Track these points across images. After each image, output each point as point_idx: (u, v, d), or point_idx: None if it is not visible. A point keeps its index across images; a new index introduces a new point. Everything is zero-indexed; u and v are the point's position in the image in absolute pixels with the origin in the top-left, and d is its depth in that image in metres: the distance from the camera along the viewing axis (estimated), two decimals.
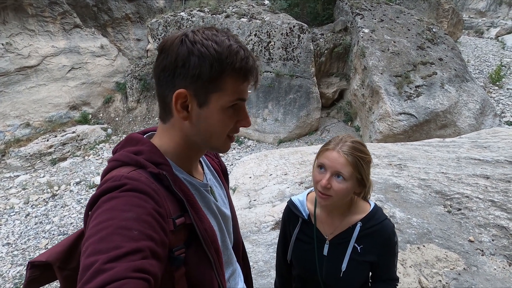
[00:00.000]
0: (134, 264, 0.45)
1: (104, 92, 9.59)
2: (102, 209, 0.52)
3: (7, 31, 7.94)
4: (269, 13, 8.31)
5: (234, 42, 0.61)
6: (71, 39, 9.03)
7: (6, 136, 7.77)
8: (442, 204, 2.58)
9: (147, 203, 0.53)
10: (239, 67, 0.60)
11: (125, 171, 0.59)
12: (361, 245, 0.97)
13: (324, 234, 1.02)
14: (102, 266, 0.44)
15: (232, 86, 0.61)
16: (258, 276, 2.18)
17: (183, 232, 0.61)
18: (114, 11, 10.11)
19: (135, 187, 0.54)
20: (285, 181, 3.47)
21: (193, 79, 0.59)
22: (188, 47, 0.58)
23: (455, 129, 6.46)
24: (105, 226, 0.49)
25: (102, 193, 0.55)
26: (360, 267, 0.97)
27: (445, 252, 2.07)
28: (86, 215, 0.58)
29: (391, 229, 0.97)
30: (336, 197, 0.91)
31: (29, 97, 8.28)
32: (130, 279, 0.43)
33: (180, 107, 0.61)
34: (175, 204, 0.61)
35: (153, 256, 0.49)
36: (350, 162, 0.89)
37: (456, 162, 3.32)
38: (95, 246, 0.46)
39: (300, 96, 7.81)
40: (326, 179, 0.89)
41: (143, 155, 0.62)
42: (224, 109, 0.62)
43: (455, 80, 6.84)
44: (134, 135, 0.68)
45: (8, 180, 6.92)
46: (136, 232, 0.49)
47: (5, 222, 5.44)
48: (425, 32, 7.71)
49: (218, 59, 0.58)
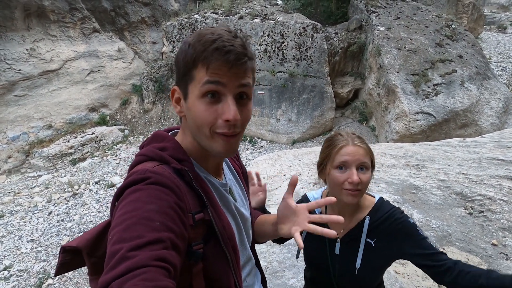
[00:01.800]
0: (155, 253, 0.47)
1: (121, 94, 9.86)
2: (127, 200, 0.55)
3: (31, 37, 8.30)
4: (282, 13, 8.30)
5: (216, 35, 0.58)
6: (90, 44, 9.34)
7: (30, 137, 8.12)
8: (463, 206, 2.50)
9: (169, 197, 0.56)
10: (204, 50, 0.58)
11: (150, 166, 0.61)
12: (374, 239, 0.94)
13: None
14: (126, 253, 0.46)
15: (202, 71, 0.59)
16: (272, 276, 2.18)
17: (202, 227, 0.62)
18: (131, 15, 10.38)
19: (158, 181, 0.57)
20: (299, 182, 3.46)
21: (178, 74, 0.64)
22: (180, 48, 0.64)
23: (476, 128, 6.22)
24: (129, 216, 0.51)
25: (128, 185, 0.58)
26: (375, 263, 0.94)
27: (466, 256, 2.00)
28: (112, 206, 0.61)
29: (402, 214, 0.93)
30: (364, 189, 0.91)
31: (51, 100, 8.63)
32: (151, 267, 0.46)
33: (175, 102, 0.66)
34: (195, 200, 0.63)
35: (173, 247, 0.51)
36: (367, 150, 0.91)
37: (478, 163, 3.21)
38: (120, 235, 0.49)
39: (313, 96, 7.75)
40: (356, 174, 0.88)
41: (167, 151, 0.65)
42: (200, 97, 0.60)
43: (476, 78, 6.59)
44: (160, 132, 0.71)
45: (32, 179, 7.23)
46: (158, 223, 0.51)
47: (30, 219, 5.69)
48: (444, 29, 7.48)
49: (192, 48, 0.59)
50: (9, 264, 4.58)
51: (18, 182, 7.12)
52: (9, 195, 6.56)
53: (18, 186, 6.91)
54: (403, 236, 0.90)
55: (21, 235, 5.24)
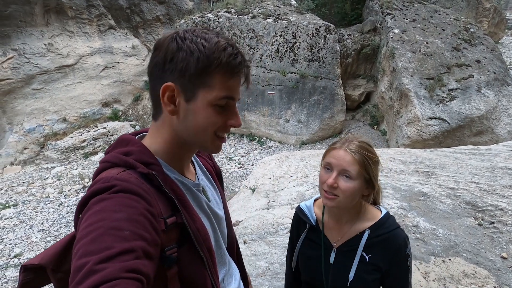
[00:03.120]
0: (126, 265, 0.45)
1: (133, 91, 10.03)
2: (92, 211, 0.52)
3: (50, 32, 8.54)
4: (295, 13, 8.25)
5: (223, 39, 0.61)
6: (106, 40, 9.53)
7: (45, 130, 8.36)
8: (472, 216, 2.42)
9: (138, 203, 0.54)
10: (226, 63, 0.60)
11: (115, 172, 0.59)
12: (370, 255, 0.92)
13: (331, 241, 0.99)
14: (94, 267, 0.44)
15: (220, 83, 0.61)
16: (273, 278, 2.17)
17: (175, 231, 0.61)
18: (146, 13, 10.53)
19: (124, 188, 0.55)
20: (305, 184, 3.43)
21: (181, 73, 0.60)
22: (178, 43, 0.60)
23: (492, 136, 6.02)
24: (96, 227, 0.49)
25: (92, 195, 0.55)
26: (368, 278, 0.92)
27: (473, 268, 1.94)
28: (76, 218, 0.58)
29: (402, 240, 0.91)
30: (342, 197, 0.88)
31: (66, 94, 8.86)
32: (122, 279, 0.43)
33: (167, 100, 0.61)
34: (166, 204, 0.61)
35: (145, 256, 0.49)
36: (357, 160, 0.87)
37: (491, 172, 3.10)
38: (86, 248, 0.46)
39: (324, 97, 7.67)
40: (333, 177, 0.87)
41: (132, 156, 0.62)
42: (212, 105, 0.62)
43: (494, 84, 6.38)
44: (125, 136, 0.68)
45: (46, 170, 7.44)
46: (128, 232, 0.49)
47: (41, 209, 5.86)
48: (462, 33, 7.27)
49: (205, 54, 0.59)
50: (20, 252, 4.73)
51: (32, 173, 7.34)
52: (23, 185, 6.77)
53: (32, 177, 7.12)
54: (394, 262, 0.91)
55: (32, 225, 5.40)
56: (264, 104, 8.06)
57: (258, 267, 2.24)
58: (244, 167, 6.91)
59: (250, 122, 8.25)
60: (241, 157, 7.39)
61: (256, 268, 2.22)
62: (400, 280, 0.93)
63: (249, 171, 6.39)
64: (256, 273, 2.17)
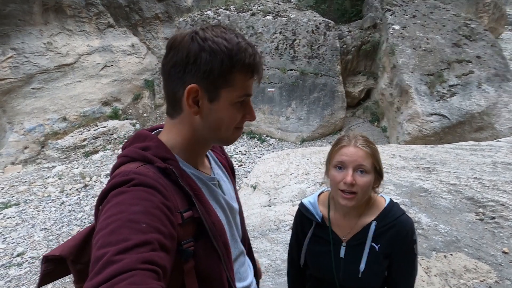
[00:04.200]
0: (142, 256, 0.46)
1: (133, 89, 10.01)
2: (112, 203, 0.53)
3: (49, 31, 8.51)
4: (295, 10, 8.22)
5: (242, 40, 0.63)
6: (105, 38, 9.50)
7: (45, 129, 8.36)
8: (473, 211, 2.42)
9: (154, 197, 0.55)
10: (248, 63, 0.62)
11: (133, 167, 0.60)
12: (379, 244, 0.93)
13: (340, 236, 0.99)
14: (112, 257, 0.45)
15: (241, 82, 0.63)
16: (275, 274, 2.18)
17: (192, 225, 0.62)
18: (145, 11, 10.49)
19: (142, 182, 0.56)
20: (306, 181, 3.43)
21: (204, 75, 0.60)
22: (200, 44, 0.60)
23: (493, 132, 6.02)
24: (114, 219, 0.50)
25: (111, 188, 0.56)
26: (379, 266, 0.93)
27: (475, 263, 1.95)
28: (96, 210, 0.60)
29: (410, 225, 0.92)
30: (361, 193, 0.89)
31: (66, 93, 8.84)
32: (138, 271, 0.44)
33: (191, 102, 0.62)
34: (183, 198, 0.62)
35: (161, 248, 0.50)
36: (369, 153, 0.88)
37: (492, 167, 3.10)
38: (105, 239, 0.48)
39: (324, 94, 7.66)
40: (350, 175, 0.87)
41: (150, 151, 0.63)
42: (233, 103, 0.64)
43: (494, 80, 6.36)
44: (142, 132, 0.70)
45: (47, 170, 7.45)
46: (144, 225, 0.50)
47: (43, 208, 5.87)
48: (462, 28, 7.24)
49: (228, 55, 0.60)
50: (22, 251, 4.75)
51: (33, 172, 7.35)
52: (25, 184, 6.78)
53: (33, 176, 7.13)
54: (401, 248, 0.92)
55: (34, 224, 5.41)
56: (264, 101, 8.05)
57: (261, 264, 2.25)
58: (245, 164, 6.92)
59: None
60: (242, 155, 7.40)
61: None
62: (407, 266, 0.94)
63: (249, 168, 6.40)
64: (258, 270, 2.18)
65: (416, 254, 0.94)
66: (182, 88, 0.62)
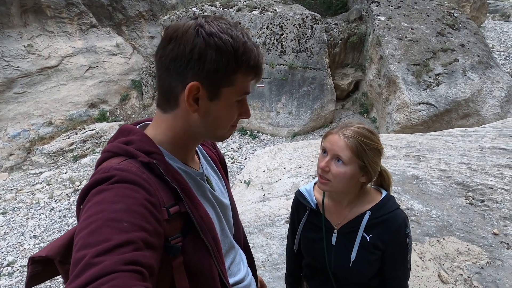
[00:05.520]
0: (124, 257, 0.44)
1: (120, 90, 9.82)
2: (92, 202, 0.51)
3: (28, 33, 8.24)
4: (281, 4, 8.18)
5: (248, 39, 0.62)
6: (88, 39, 9.26)
7: (30, 134, 8.13)
8: (463, 195, 2.47)
9: (137, 193, 0.53)
10: (252, 65, 0.62)
11: (115, 162, 0.58)
12: (370, 235, 0.93)
13: (332, 224, 1.00)
14: (91, 260, 0.43)
15: (242, 81, 0.62)
16: (272, 268, 2.18)
17: (179, 220, 0.60)
18: (128, 9, 10.27)
19: (124, 178, 0.54)
20: (299, 174, 3.44)
21: (209, 73, 0.58)
22: (205, 39, 0.57)
23: (478, 118, 6.16)
24: (94, 219, 0.48)
25: (92, 186, 0.54)
26: (370, 257, 0.93)
27: (466, 245, 1.99)
28: (77, 209, 0.57)
29: (402, 220, 0.92)
30: (335, 182, 0.88)
31: (51, 97, 8.61)
32: (120, 273, 0.42)
33: (192, 99, 0.59)
34: (168, 193, 0.60)
35: (146, 246, 0.48)
36: (349, 145, 0.86)
37: (479, 152, 3.17)
38: (84, 240, 0.46)
39: (314, 88, 7.68)
40: (325, 161, 0.88)
41: (133, 145, 0.61)
42: (232, 102, 0.64)
43: (478, 67, 6.50)
44: (126, 126, 0.67)
45: (34, 176, 7.26)
46: (127, 223, 0.48)
47: (32, 216, 5.73)
48: (446, 18, 7.35)
49: (235, 56, 0.59)
50: (12, 260, 4.63)
51: (20, 179, 7.15)
52: (11, 192, 6.60)
53: (20, 183, 6.94)
54: (394, 241, 0.93)
55: (24, 232, 5.28)
56: (254, 97, 8.02)
57: (257, 259, 2.25)
58: (237, 161, 6.90)
59: None
60: (234, 152, 7.37)
61: (255, 260, 2.23)
62: (400, 259, 0.95)
63: (242, 165, 6.39)
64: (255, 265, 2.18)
65: (408, 248, 0.94)
66: (182, 84, 0.59)
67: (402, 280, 0.97)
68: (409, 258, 0.96)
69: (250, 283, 0.83)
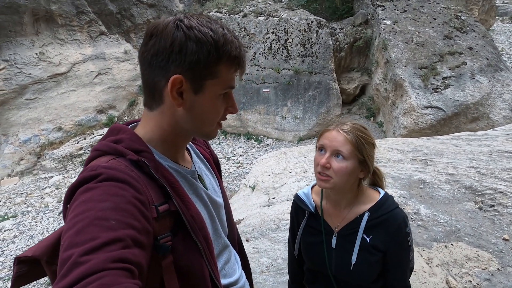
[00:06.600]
0: (112, 255, 0.43)
1: (128, 96, 9.97)
2: (79, 201, 0.51)
3: (40, 41, 8.47)
4: (286, 10, 8.24)
5: (228, 31, 0.62)
6: (97, 46, 9.47)
7: (41, 139, 8.30)
8: (472, 200, 2.42)
9: (126, 192, 0.52)
10: (234, 56, 0.61)
11: (104, 160, 0.58)
12: (370, 236, 0.92)
13: (332, 226, 0.98)
14: (78, 259, 0.42)
15: (225, 74, 0.62)
16: (277, 273, 2.16)
17: (168, 219, 0.59)
18: (136, 17, 10.48)
19: (111, 176, 0.53)
20: (305, 179, 3.42)
21: (190, 65, 0.58)
22: (185, 32, 0.57)
23: (488, 122, 6.05)
24: (81, 218, 0.47)
25: (79, 185, 0.53)
26: (370, 259, 0.92)
27: (476, 251, 1.94)
28: (64, 208, 0.56)
29: (402, 219, 0.91)
30: (336, 177, 0.87)
31: (61, 103, 8.79)
32: (108, 271, 0.42)
33: (176, 93, 0.59)
34: (158, 191, 0.59)
35: (135, 244, 0.48)
36: (349, 140, 0.87)
37: (489, 156, 3.11)
38: (71, 239, 0.45)
39: (319, 92, 7.67)
40: (325, 158, 0.88)
41: (122, 143, 0.61)
42: (217, 96, 0.63)
43: (487, 70, 6.41)
44: (116, 125, 0.67)
45: (44, 180, 7.39)
46: (114, 221, 0.47)
47: (41, 219, 5.82)
48: (453, 21, 7.29)
49: (215, 47, 0.59)
50: None
51: (30, 184, 7.29)
52: (22, 196, 6.72)
53: (30, 187, 7.07)
54: (394, 241, 0.91)
55: (33, 235, 5.36)
56: (259, 102, 8.05)
57: (262, 263, 2.23)
58: (243, 166, 6.90)
59: (247, 121, 8.24)
60: (240, 156, 7.38)
61: (260, 264, 2.21)
62: (401, 258, 0.94)
63: (248, 169, 6.38)
64: (259, 269, 2.16)
65: (409, 247, 0.93)
66: (165, 79, 0.58)
67: (405, 280, 0.96)
68: (411, 258, 0.95)
69: (244, 285, 0.81)
